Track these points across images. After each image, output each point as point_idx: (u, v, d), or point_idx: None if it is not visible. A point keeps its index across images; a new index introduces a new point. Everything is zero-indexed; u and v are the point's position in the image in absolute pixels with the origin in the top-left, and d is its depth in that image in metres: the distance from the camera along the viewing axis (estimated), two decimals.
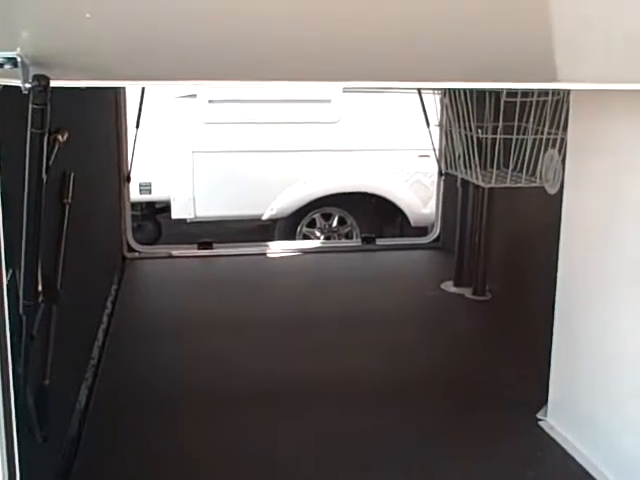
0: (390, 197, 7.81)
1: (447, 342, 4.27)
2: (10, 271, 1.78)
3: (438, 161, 5.98)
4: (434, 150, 5.95)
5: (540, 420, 3.32)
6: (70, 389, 3.26)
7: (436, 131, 5.91)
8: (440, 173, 6.06)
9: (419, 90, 5.94)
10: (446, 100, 4.53)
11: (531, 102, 3.91)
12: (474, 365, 3.96)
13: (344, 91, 7.50)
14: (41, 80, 1.54)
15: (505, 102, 3.91)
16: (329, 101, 7.53)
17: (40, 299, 2.10)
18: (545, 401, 3.35)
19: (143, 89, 5.49)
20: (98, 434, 3.19)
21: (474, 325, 4.60)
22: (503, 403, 3.52)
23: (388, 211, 7.91)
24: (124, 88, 5.48)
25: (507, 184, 4.09)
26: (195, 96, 7.23)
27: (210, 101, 7.26)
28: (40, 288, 2.05)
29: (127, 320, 4.49)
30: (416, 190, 7.76)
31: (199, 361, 3.94)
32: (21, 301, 1.95)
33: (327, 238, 7.79)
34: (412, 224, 7.83)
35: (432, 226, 6.66)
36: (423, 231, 7.39)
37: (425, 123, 5.89)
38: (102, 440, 3.16)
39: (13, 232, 1.77)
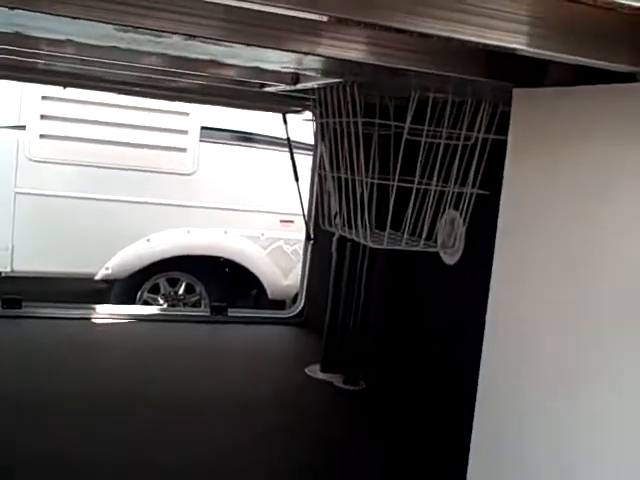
0: (247, 264, 6.94)
1: (304, 442, 3.34)
2: None
3: (307, 222, 5.13)
4: (302, 209, 5.11)
5: None
6: None
7: (306, 189, 5.12)
8: (308, 237, 5.21)
9: (289, 141, 5.15)
10: (326, 138, 3.67)
11: (438, 144, 3.12)
12: (335, 472, 3.07)
13: (201, 140, 6.63)
14: None
15: (407, 141, 3.08)
16: (185, 150, 6.62)
17: None
18: None
19: None
20: None
21: (340, 422, 3.68)
22: None
23: (243, 280, 7.02)
24: None
25: (402, 247, 3.25)
26: (24, 128, 6.13)
27: (42, 135, 6.17)
28: None
29: None
30: (276, 258, 6.91)
31: None
32: None
33: (172, 306, 6.79)
34: (269, 297, 6.95)
35: (292, 300, 5.79)
36: (280, 305, 6.55)
37: (294, 177, 5.07)
38: None
39: None
